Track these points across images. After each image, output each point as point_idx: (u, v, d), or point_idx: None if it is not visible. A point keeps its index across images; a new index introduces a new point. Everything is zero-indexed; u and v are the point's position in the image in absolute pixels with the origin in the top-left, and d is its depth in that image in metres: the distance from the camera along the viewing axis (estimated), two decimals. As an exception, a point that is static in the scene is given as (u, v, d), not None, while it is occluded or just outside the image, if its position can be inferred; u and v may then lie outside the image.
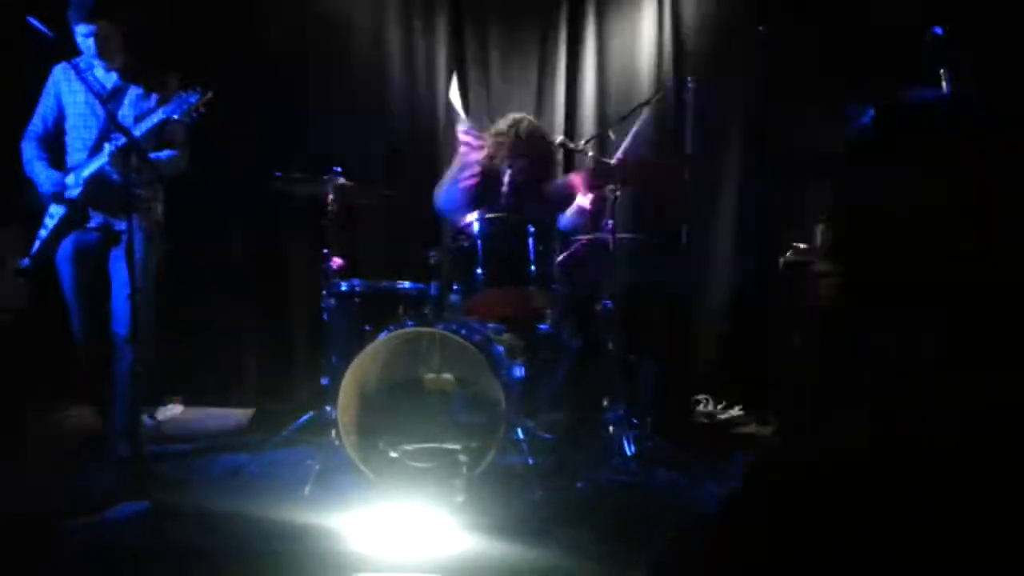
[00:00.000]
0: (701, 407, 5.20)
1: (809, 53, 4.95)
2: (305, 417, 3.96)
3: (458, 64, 5.44)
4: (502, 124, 4.44)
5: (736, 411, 5.15)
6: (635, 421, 3.98)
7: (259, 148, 5.23)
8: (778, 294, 4.70)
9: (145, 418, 4.54)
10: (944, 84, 3.11)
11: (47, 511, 3.22)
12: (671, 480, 3.77)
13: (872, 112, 3.57)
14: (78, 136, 4.00)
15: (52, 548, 3.00)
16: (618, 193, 3.98)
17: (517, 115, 4.50)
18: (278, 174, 4.03)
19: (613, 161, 4.07)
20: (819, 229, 4.14)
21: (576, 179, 4.29)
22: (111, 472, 3.67)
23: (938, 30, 3.09)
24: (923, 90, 3.42)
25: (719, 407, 5.20)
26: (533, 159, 4.37)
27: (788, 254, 4.64)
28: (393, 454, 3.49)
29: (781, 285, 4.65)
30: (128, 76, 4.03)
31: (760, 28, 4.37)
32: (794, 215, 4.99)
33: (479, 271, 3.81)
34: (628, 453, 3.83)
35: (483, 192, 4.36)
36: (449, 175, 4.36)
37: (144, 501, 3.29)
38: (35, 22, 3.44)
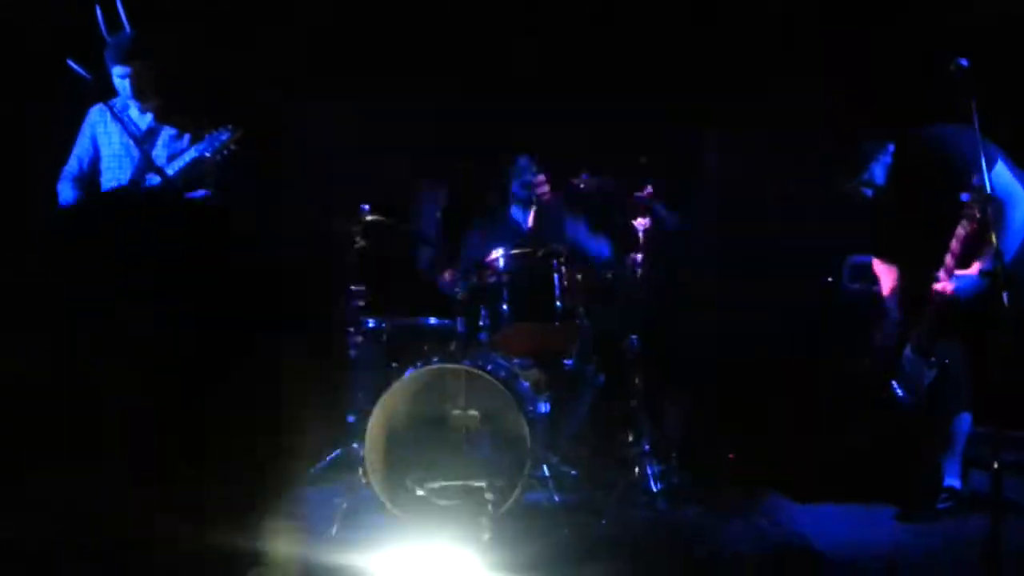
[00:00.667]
0: (728, 443, 5.15)
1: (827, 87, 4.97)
2: (333, 455, 3.98)
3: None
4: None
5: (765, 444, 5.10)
6: (660, 458, 3.95)
7: (289, 184, 5.27)
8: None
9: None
10: (974, 118, 3.11)
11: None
12: (696, 517, 3.75)
13: (893, 147, 3.57)
14: (113, 176, 4.08)
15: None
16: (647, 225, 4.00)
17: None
18: (309, 212, 4.06)
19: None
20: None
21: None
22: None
23: (964, 62, 3.08)
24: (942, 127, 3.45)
25: (748, 441, 5.16)
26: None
27: (816, 287, 4.64)
28: (420, 492, 3.50)
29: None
30: (162, 116, 4.11)
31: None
32: (822, 250, 5.00)
33: (504, 306, 3.84)
34: (654, 490, 3.80)
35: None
36: None
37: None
38: (74, 64, 3.52)
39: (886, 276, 3.94)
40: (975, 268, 3.44)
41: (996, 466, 2.82)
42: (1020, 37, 4.61)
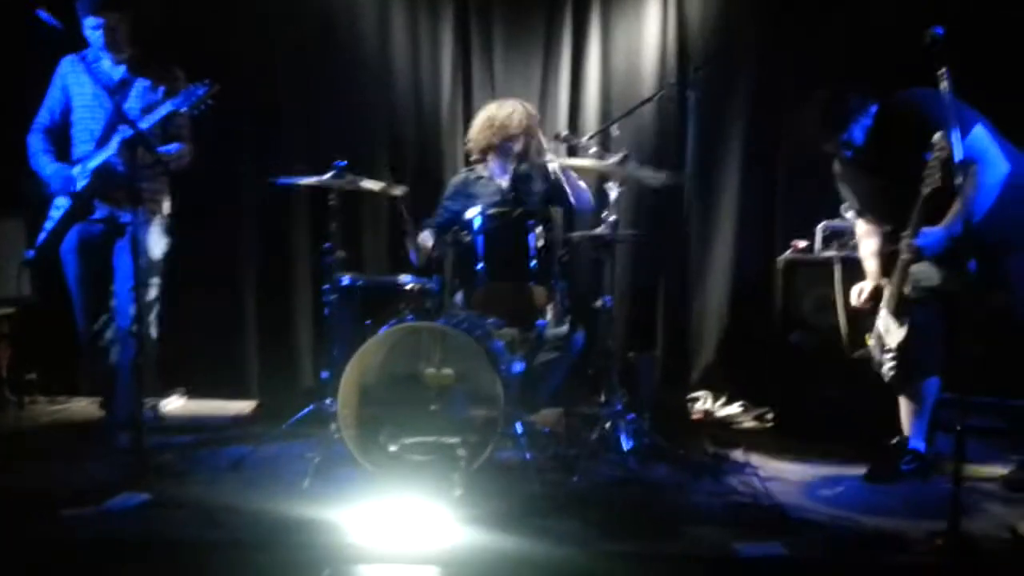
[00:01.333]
0: (699, 404, 5.22)
1: (808, 53, 4.98)
2: (306, 410, 3.99)
3: (463, 60, 5.47)
4: (492, 113, 4.55)
5: (735, 407, 5.18)
6: (632, 417, 3.99)
7: (264, 142, 5.25)
8: (777, 291, 4.73)
9: (147, 410, 4.58)
10: (944, 84, 3.13)
11: (47, 500, 3.25)
12: (667, 475, 3.79)
13: (875, 109, 3.60)
14: (85, 128, 4.04)
15: (51, 537, 3.03)
16: (620, 189, 3.98)
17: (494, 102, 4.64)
18: (283, 169, 4.04)
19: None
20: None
21: None
22: (112, 463, 3.70)
23: (939, 30, 3.10)
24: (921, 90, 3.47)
25: (718, 404, 5.23)
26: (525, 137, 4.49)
27: (787, 252, 4.68)
28: (392, 447, 3.52)
29: (780, 283, 4.68)
30: (135, 69, 4.07)
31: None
32: (794, 214, 5.04)
33: (480, 266, 3.85)
34: (625, 448, 3.85)
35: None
36: None
37: (144, 492, 3.32)
38: (44, 14, 3.46)
39: (867, 240, 3.98)
40: (941, 226, 3.48)
41: (959, 428, 2.88)
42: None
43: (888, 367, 3.73)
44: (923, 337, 3.66)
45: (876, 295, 3.82)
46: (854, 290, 3.93)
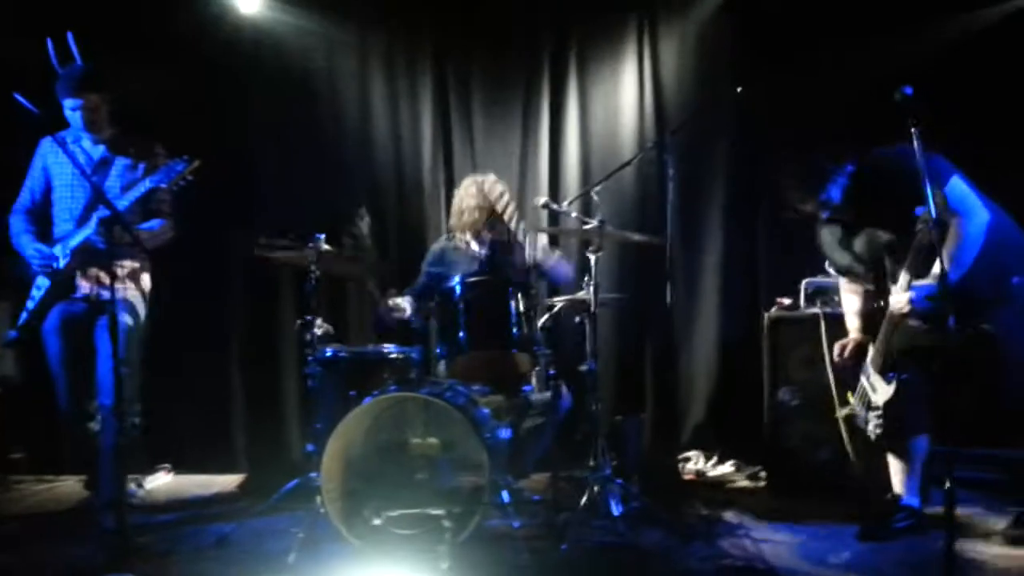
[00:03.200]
0: (691, 464, 5.18)
1: (784, 112, 5.05)
2: (291, 484, 3.95)
3: (443, 129, 5.53)
4: (469, 193, 4.57)
5: (727, 467, 5.14)
6: (621, 481, 3.95)
7: (244, 215, 5.27)
8: (763, 349, 4.72)
9: (133, 487, 4.53)
10: (915, 142, 3.17)
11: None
12: (659, 540, 3.74)
13: (852, 168, 3.63)
14: (65, 207, 4.06)
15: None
16: (600, 254, 3.99)
17: (476, 178, 4.67)
18: (263, 242, 4.05)
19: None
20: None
21: None
22: (96, 544, 3.65)
23: (908, 90, 3.14)
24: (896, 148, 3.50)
25: (710, 463, 5.19)
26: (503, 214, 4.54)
27: (772, 310, 4.68)
28: (377, 521, 3.47)
29: (766, 341, 4.67)
30: (115, 147, 4.10)
31: (738, 89, 4.43)
32: (778, 271, 5.06)
33: (462, 334, 3.84)
34: (615, 513, 3.80)
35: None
36: None
37: (128, 574, 3.26)
38: (20, 99, 3.48)
39: (850, 297, 3.98)
40: (931, 278, 3.48)
41: (948, 485, 2.85)
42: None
43: (873, 425, 3.71)
44: (910, 395, 3.64)
45: (859, 352, 3.82)
46: (836, 346, 3.94)
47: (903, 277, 3.48)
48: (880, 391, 3.67)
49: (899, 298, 3.50)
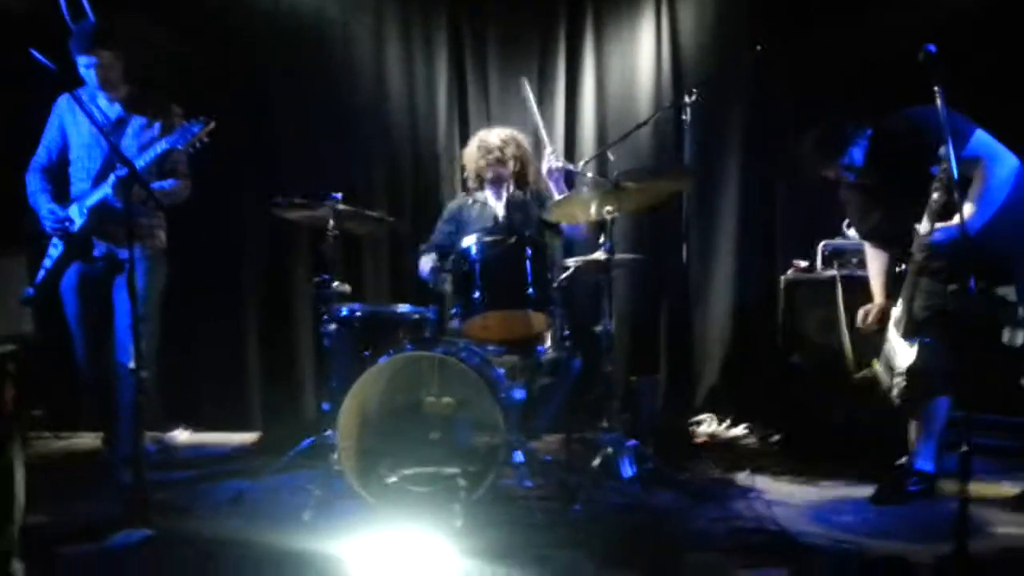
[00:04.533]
0: (704, 427, 5.19)
1: (802, 73, 4.99)
2: (306, 442, 3.98)
3: (458, 90, 5.50)
4: (483, 139, 4.58)
5: (740, 429, 5.15)
6: (634, 443, 3.96)
7: (261, 175, 5.28)
8: (779, 311, 4.71)
9: (149, 444, 4.57)
10: (938, 101, 3.13)
11: (49, 538, 3.24)
12: (671, 501, 3.76)
13: (871, 131, 3.59)
14: (82, 166, 4.06)
15: (53, 575, 3.02)
16: (616, 214, 3.97)
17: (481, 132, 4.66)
18: (280, 201, 4.04)
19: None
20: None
21: None
22: (114, 500, 3.69)
23: (932, 48, 3.10)
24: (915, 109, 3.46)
25: (723, 425, 5.20)
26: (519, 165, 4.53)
27: (788, 272, 4.66)
28: (392, 479, 3.50)
29: (782, 303, 4.66)
30: (131, 106, 4.08)
31: (757, 47, 4.37)
32: (794, 233, 5.03)
33: (477, 294, 3.84)
34: (627, 475, 3.81)
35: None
36: None
37: (146, 529, 3.30)
38: (37, 54, 3.47)
39: (874, 262, 3.96)
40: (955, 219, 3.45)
41: (964, 450, 2.84)
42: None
43: (897, 389, 3.69)
44: (932, 357, 3.62)
45: (882, 318, 3.80)
46: (860, 312, 3.91)
47: (926, 222, 3.44)
48: (902, 354, 3.65)
49: (922, 240, 3.48)
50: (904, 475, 3.78)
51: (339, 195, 3.98)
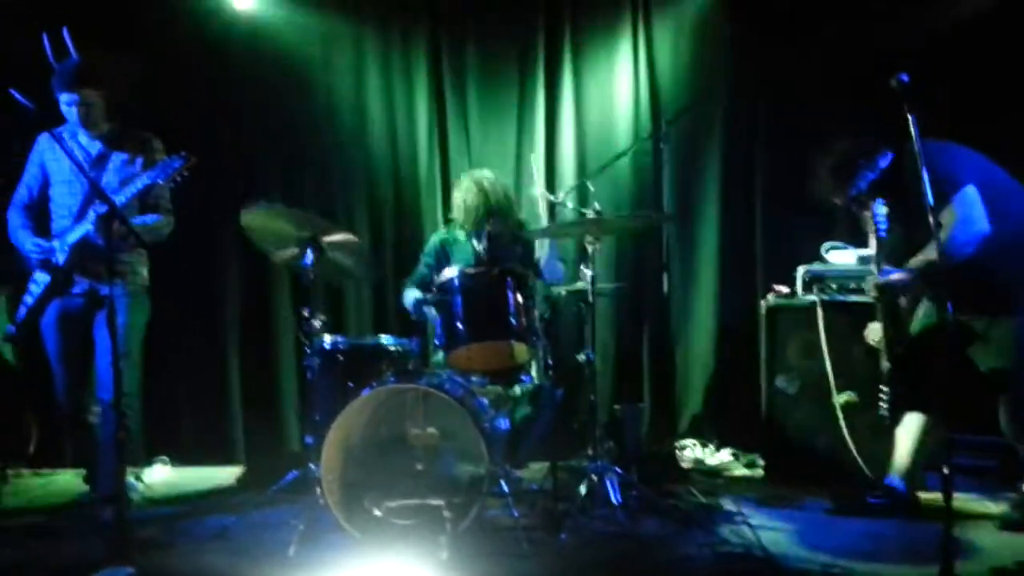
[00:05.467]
0: (689, 452, 5.19)
1: (780, 100, 5.05)
2: (291, 476, 3.96)
3: (438, 120, 5.53)
4: (471, 191, 4.56)
5: (725, 455, 5.16)
6: (619, 470, 3.96)
7: (241, 207, 5.26)
8: (761, 337, 4.73)
9: (132, 480, 4.53)
10: (912, 129, 3.17)
11: (30, 576, 3.21)
12: (657, 528, 3.76)
13: (892, 155, 3.64)
14: (63, 203, 4.06)
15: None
16: (597, 244, 4.00)
17: (474, 174, 4.64)
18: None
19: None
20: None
21: None
22: (96, 538, 3.65)
23: (904, 77, 3.15)
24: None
25: (707, 451, 5.21)
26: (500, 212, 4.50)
27: (769, 297, 4.69)
28: (377, 512, 3.49)
29: (764, 329, 4.68)
30: (112, 142, 4.09)
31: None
32: (775, 259, 5.07)
33: (460, 325, 3.85)
34: (614, 502, 3.82)
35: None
36: None
37: (128, 566, 3.26)
38: (16, 94, 3.47)
39: None
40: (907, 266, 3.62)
41: (946, 470, 2.86)
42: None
43: (883, 405, 3.74)
44: (907, 373, 3.67)
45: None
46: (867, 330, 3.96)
47: (873, 264, 3.64)
48: (885, 370, 3.72)
49: (874, 280, 3.65)
50: (870, 487, 3.82)
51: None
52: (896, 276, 3.60)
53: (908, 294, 3.75)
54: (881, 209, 3.53)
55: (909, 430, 3.82)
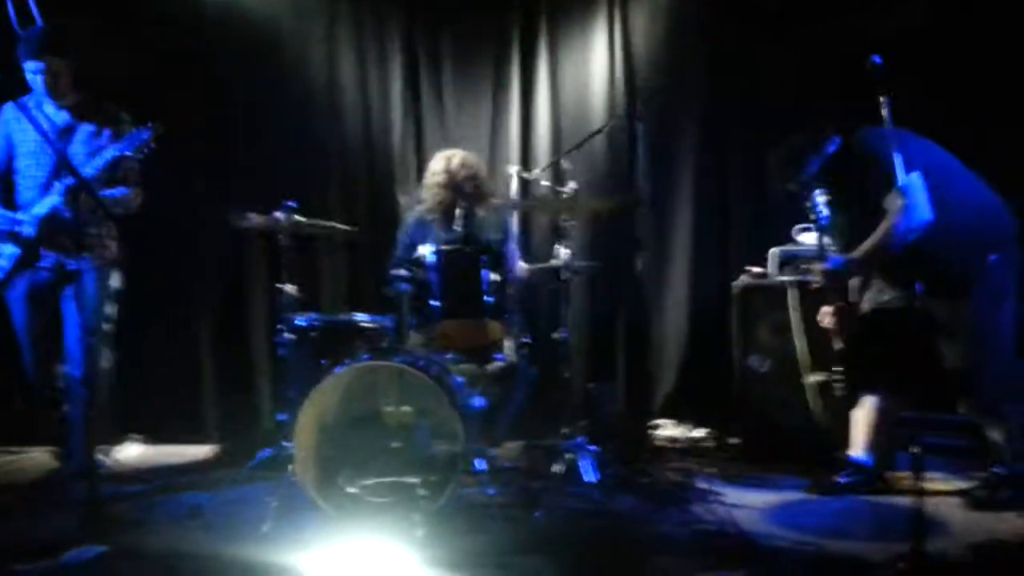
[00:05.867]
0: (663, 430, 5.22)
1: (755, 80, 5.05)
2: (264, 453, 3.93)
3: (413, 100, 5.49)
4: (437, 165, 4.51)
5: (698, 433, 5.18)
6: (594, 448, 3.97)
7: (214, 182, 5.20)
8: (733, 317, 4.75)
9: (103, 458, 4.48)
10: (884, 112, 3.19)
11: (2, 555, 3.17)
12: (632, 506, 3.77)
13: (839, 140, 3.67)
14: (30, 175, 3.99)
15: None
16: (572, 222, 4.00)
17: (447, 152, 4.59)
18: (238, 216, 4.00)
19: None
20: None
21: None
22: (67, 515, 3.61)
23: (878, 59, 3.16)
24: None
25: (681, 429, 5.23)
26: (473, 190, 4.47)
27: (742, 278, 4.71)
28: (352, 489, 3.47)
29: (736, 308, 4.70)
30: (79, 114, 4.02)
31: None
32: (748, 240, 5.09)
33: (435, 303, 3.83)
34: (589, 480, 3.82)
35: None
36: None
37: (101, 544, 3.24)
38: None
39: None
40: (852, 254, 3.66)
41: (916, 449, 2.89)
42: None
43: (838, 389, 3.79)
44: (865, 353, 3.75)
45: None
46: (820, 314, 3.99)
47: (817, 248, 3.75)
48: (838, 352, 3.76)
49: (818, 268, 3.74)
50: (839, 467, 3.87)
51: (293, 203, 3.94)
52: (842, 262, 3.66)
53: (855, 278, 3.82)
54: (820, 197, 3.59)
55: (866, 410, 3.87)
